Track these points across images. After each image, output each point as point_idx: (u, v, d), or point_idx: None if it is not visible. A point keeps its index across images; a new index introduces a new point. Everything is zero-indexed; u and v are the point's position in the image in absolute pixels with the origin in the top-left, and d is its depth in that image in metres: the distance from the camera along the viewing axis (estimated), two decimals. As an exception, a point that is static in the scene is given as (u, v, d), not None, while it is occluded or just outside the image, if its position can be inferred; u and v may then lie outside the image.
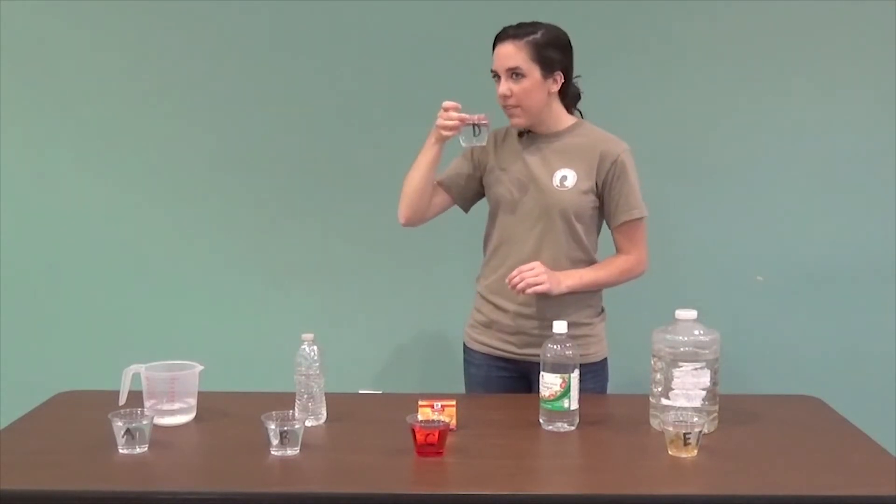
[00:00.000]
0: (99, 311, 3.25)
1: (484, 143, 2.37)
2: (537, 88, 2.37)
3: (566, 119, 2.46)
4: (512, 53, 2.34)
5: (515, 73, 2.34)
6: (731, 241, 3.21)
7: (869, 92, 3.15)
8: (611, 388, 2.54)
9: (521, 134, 2.47)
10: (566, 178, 2.40)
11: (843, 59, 3.15)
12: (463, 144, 2.38)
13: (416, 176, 2.42)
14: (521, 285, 2.30)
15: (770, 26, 3.14)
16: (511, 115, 2.40)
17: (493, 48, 2.39)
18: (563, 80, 2.40)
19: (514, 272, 2.31)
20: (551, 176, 2.41)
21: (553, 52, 2.37)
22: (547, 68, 2.36)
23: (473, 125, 2.33)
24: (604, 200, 2.44)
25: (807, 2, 3.12)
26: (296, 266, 3.26)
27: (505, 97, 2.36)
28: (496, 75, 2.38)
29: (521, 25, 2.37)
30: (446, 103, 2.33)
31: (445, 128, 2.33)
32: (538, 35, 2.35)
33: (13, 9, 3.16)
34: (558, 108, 2.44)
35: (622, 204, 2.42)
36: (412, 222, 2.50)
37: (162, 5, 3.16)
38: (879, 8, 3.11)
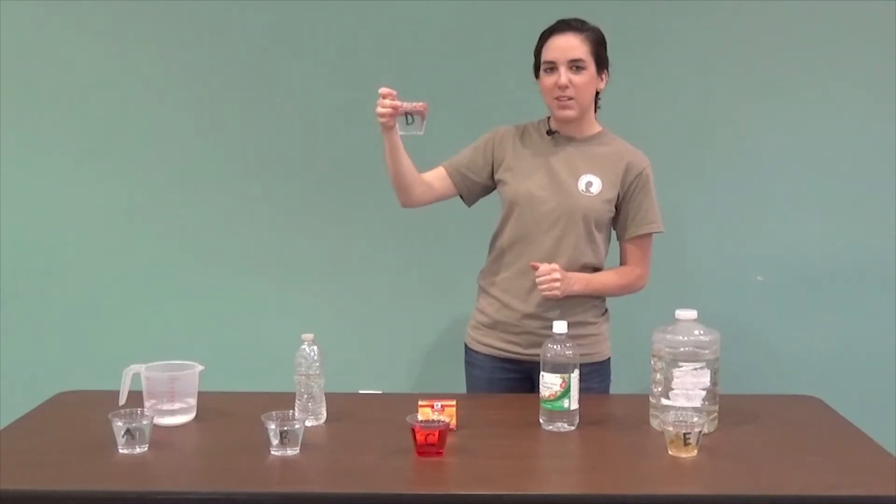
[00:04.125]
0: (99, 311, 3.25)
1: (421, 133, 2.27)
2: (592, 83, 2.39)
3: (596, 125, 2.48)
4: (576, 45, 2.35)
5: (577, 65, 2.35)
6: (731, 241, 3.21)
7: (869, 92, 3.15)
8: (612, 388, 2.54)
9: (550, 133, 2.47)
10: (591, 184, 2.40)
11: (844, 59, 3.15)
12: (400, 133, 2.31)
13: (389, 166, 2.39)
14: (542, 287, 2.32)
15: (769, 27, 3.14)
16: (564, 107, 2.38)
17: (547, 39, 2.38)
18: (606, 80, 2.43)
19: (546, 269, 2.31)
20: (576, 180, 2.41)
21: (603, 50, 2.40)
22: (599, 65, 2.39)
23: (406, 113, 2.26)
24: (620, 211, 2.44)
25: (805, 3, 3.12)
26: (296, 266, 3.26)
27: (563, 87, 2.35)
28: (550, 66, 2.37)
29: (577, 20, 2.38)
30: (382, 90, 2.26)
31: (379, 115, 2.27)
32: (593, 32, 2.38)
33: (13, 9, 3.16)
34: (592, 110, 2.46)
35: (641, 216, 2.44)
36: (409, 206, 2.49)
37: (162, 5, 3.16)
38: (879, 8, 3.11)
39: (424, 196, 2.48)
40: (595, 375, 2.44)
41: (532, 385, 2.45)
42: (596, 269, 2.46)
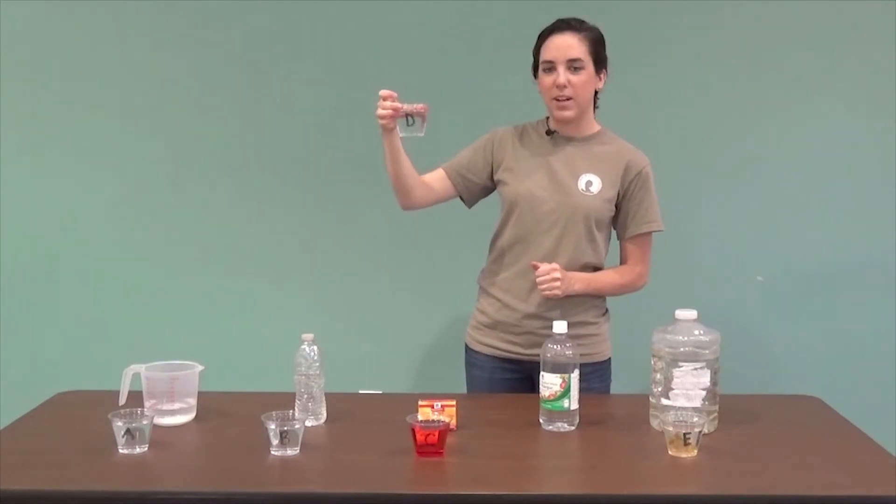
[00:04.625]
0: (99, 311, 3.25)
1: (421, 135, 2.27)
2: (590, 83, 2.39)
3: (595, 124, 2.48)
4: (574, 44, 2.35)
5: (575, 65, 2.35)
6: (731, 241, 3.21)
7: (869, 92, 3.15)
8: (612, 388, 2.54)
9: (549, 133, 2.47)
10: (591, 183, 2.41)
11: (844, 59, 3.15)
12: (401, 135, 2.31)
13: (388, 168, 2.39)
14: (542, 287, 2.31)
15: (769, 28, 3.14)
16: (563, 108, 2.38)
17: (545, 38, 2.39)
18: (604, 80, 2.43)
19: (546, 268, 2.31)
20: (576, 179, 2.41)
21: (602, 50, 2.40)
22: (598, 65, 2.39)
23: (406, 115, 2.26)
24: (620, 210, 2.45)
25: (804, 3, 3.12)
26: (296, 266, 3.26)
27: (562, 87, 2.35)
28: (549, 66, 2.37)
29: (576, 20, 2.38)
30: (382, 92, 2.27)
31: (379, 117, 2.27)
32: (592, 31, 2.38)
33: (13, 9, 3.16)
34: (591, 110, 2.46)
35: (641, 215, 2.44)
36: (409, 208, 2.49)
37: (162, 5, 3.16)
38: (879, 8, 3.11)
39: (424, 198, 2.48)
40: (595, 375, 2.44)
41: (532, 385, 2.44)
42: (596, 269, 2.46)
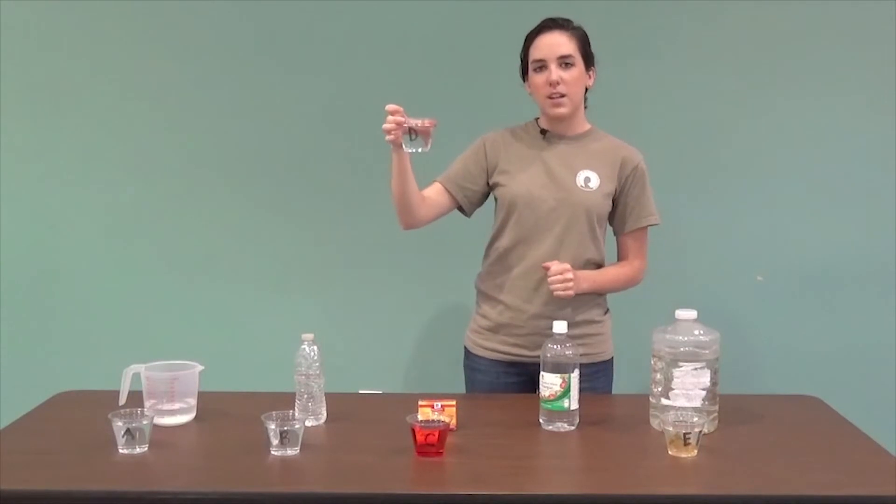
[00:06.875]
0: (99, 311, 3.25)
1: (426, 150, 2.24)
2: (582, 80, 2.41)
3: (585, 122, 2.49)
4: (564, 42, 2.37)
5: (566, 61, 2.36)
6: (731, 241, 3.21)
7: (869, 93, 3.15)
8: (613, 388, 2.54)
9: (542, 132, 2.47)
10: (590, 179, 2.41)
11: (844, 60, 3.15)
12: (406, 150, 2.27)
13: (394, 185, 2.36)
14: (554, 287, 2.30)
15: (770, 29, 3.14)
16: (557, 105, 2.39)
17: (534, 38, 2.40)
18: (594, 78, 2.44)
19: (558, 268, 2.30)
20: (574, 176, 2.41)
21: (589, 48, 2.42)
22: (587, 62, 2.41)
23: (410, 129, 2.23)
24: (617, 205, 2.45)
25: (806, 3, 3.12)
26: (296, 266, 3.26)
27: (555, 84, 2.36)
28: (540, 64, 2.38)
29: (563, 19, 2.40)
30: (388, 107, 2.23)
31: (384, 131, 2.23)
32: (578, 30, 2.40)
33: (13, 9, 3.16)
34: (582, 108, 2.47)
35: (638, 210, 2.44)
36: (412, 227, 2.47)
37: (161, 6, 3.16)
38: (877, 10, 3.11)
39: (427, 216, 2.45)
40: (601, 375, 2.45)
41: (535, 388, 2.44)
42: (598, 265, 2.46)
